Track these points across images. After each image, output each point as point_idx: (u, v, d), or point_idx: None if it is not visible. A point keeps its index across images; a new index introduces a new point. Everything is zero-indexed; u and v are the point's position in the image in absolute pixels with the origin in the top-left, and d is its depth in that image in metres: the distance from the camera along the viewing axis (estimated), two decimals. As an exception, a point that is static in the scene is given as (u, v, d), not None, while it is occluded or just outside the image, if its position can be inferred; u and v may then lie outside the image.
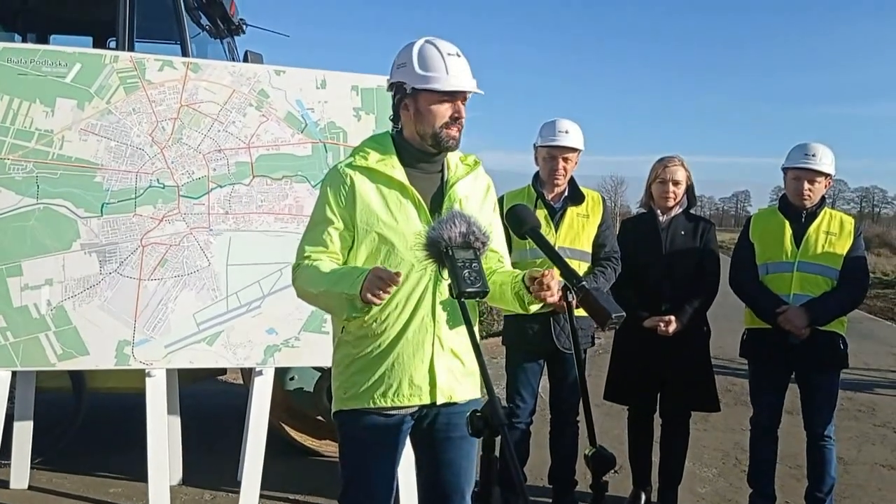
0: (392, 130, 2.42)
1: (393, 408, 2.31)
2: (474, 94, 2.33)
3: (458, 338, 2.33)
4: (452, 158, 2.42)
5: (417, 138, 2.33)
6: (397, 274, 2.05)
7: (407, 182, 2.31)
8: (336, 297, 2.16)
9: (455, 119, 2.28)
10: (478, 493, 1.94)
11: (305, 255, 2.32)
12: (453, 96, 2.27)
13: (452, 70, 2.25)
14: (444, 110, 2.27)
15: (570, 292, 1.97)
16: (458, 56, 2.29)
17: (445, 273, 1.91)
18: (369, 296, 2.06)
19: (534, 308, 2.25)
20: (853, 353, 3.98)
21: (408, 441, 2.47)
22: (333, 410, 2.42)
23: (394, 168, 2.32)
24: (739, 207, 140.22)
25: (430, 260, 1.96)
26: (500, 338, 4.08)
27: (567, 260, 2.32)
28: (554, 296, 2.09)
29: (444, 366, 2.31)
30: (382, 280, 2.04)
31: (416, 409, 2.35)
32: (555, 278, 2.09)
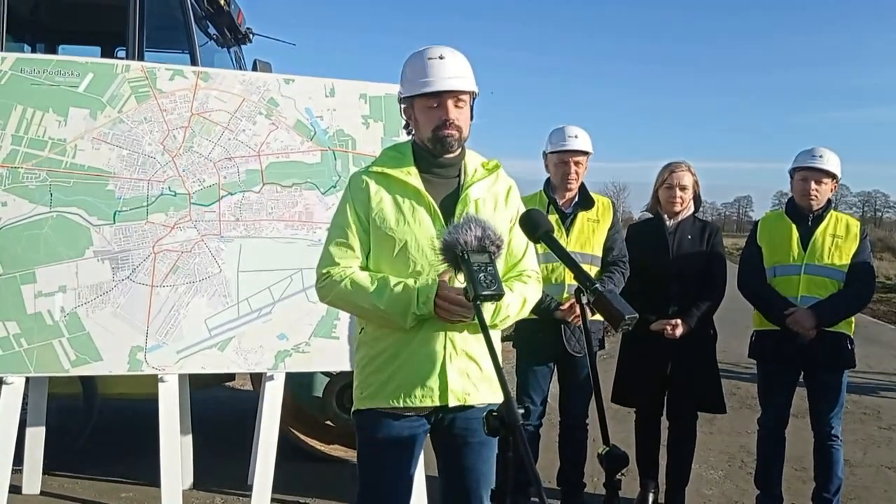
0: (411, 137, 2.48)
1: (406, 409, 2.34)
2: (484, 98, 2.39)
3: (475, 341, 2.35)
4: (472, 163, 2.45)
5: (424, 145, 2.39)
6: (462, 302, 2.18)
7: (422, 187, 2.35)
8: (395, 313, 2.26)
9: (445, 122, 2.31)
10: (493, 493, 1.97)
11: (335, 261, 2.36)
12: (439, 98, 2.30)
13: (432, 73, 2.29)
14: (432, 114, 2.32)
15: (584, 295, 2.01)
16: (442, 59, 2.31)
17: (462, 276, 1.96)
18: (446, 315, 2.24)
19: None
20: (858, 356, 4.00)
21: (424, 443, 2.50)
22: (352, 410, 2.47)
23: (409, 174, 2.37)
24: (741, 212, 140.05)
25: (447, 264, 2.00)
26: (510, 341, 4.11)
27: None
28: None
29: (458, 368, 2.33)
30: (458, 306, 2.20)
31: (431, 411, 2.37)
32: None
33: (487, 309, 2.23)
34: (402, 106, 2.43)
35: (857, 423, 6.42)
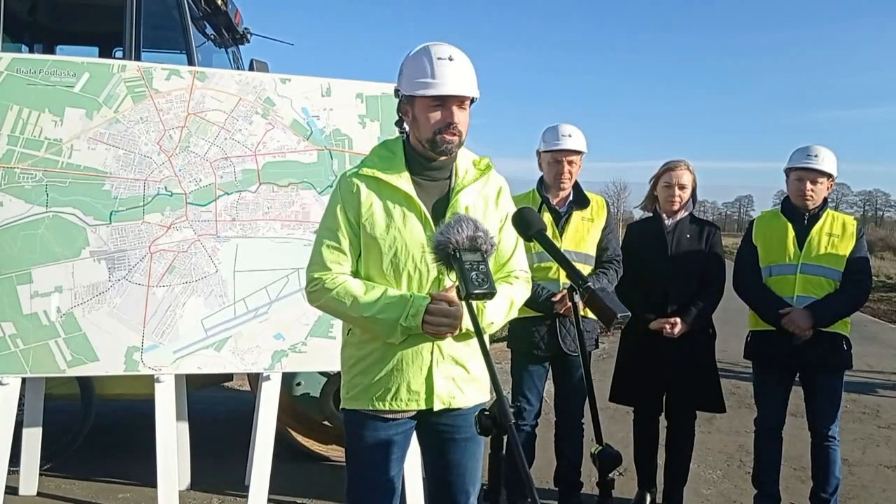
0: (402, 136, 2.45)
1: (391, 411, 2.35)
2: (482, 98, 2.37)
3: (462, 346, 2.35)
4: (463, 163, 2.42)
5: (419, 144, 2.36)
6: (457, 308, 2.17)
7: (413, 193, 2.32)
8: (383, 323, 2.24)
9: (448, 125, 2.27)
10: (486, 492, 1.97)
11: (326, 265, 2.34)
12: (444, 101, 2.26)
13: (440, 75, 2.24)
14: (435, 116, 2.27)
15: (577, 293, 2.00)
16: (451, 60, 2.27)
17: (453, 275, 1.95)
18: (433, 330, 2.21)
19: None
20: (857, 355, 3.99)
21: (414, 441, 2.50)
22: (340, 407, 2.48)
23: (400, 178, 2.33)
24: (742, 212, 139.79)
25: (439, 263, 2.00)
26: (504, 343, 4.10)
27: (572, 263, 2.34)
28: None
29: (444, 373, 2.33)
30: (449, 318, 2.19)
31: (416, 412, 2.38)
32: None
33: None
34: (400, 102, 2.38)
35: (857, 422, 6.41)
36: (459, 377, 2.36)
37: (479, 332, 1.90)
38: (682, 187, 4.01)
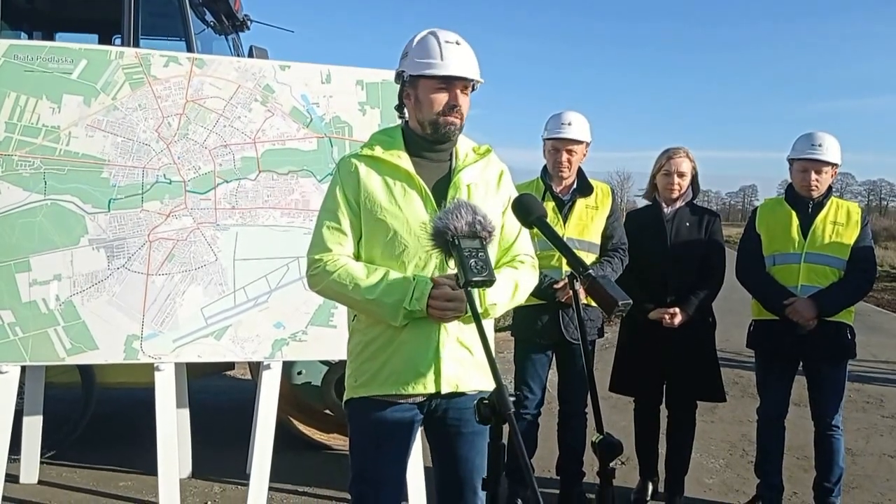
0: (401, 122, 2.44)
1: (399, 396, 2.31)
2: (482, 88, 2.36)
3: (468, 328, 2.31)
4: (463, 147, 2.41)
5: (419, 127, 2.35)
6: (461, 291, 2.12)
7: (412, 170, 2.31)
8: (386, 306, 2.21)
9: (452, 107, 2.28)
10: (485, 480, 1.94)
11: (327, 246, 2.31)
12: (449, 83, 2.28)
13: (447, 57, 2.27)
14: (440, 98, 2.28)
15: (577, 281, 1.98)
16: (458, 44, 2.30)
17: (452, 262, 1.92)
18: (439, 314, 2.19)
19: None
20: (861, 345, 3.97)
21: (418, 434, 2.47)
22: (344, 399, 2.43)
23: (400, 157, 2.33)
24: (746, 202, 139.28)
25: (437, 249, 1.97)
26: (508, 331, 4.08)
27: (575, 251, 2.31)
28: None
29: (451, 355, 2.30)
30: (454, 301, 2.16)
31: (425, 399, 2.34)
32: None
33: (474, 296, 2.19)
34: (403, 85, 2.37)
35: (860, 412, 6.40)
36: (466, 360, 2.33)
37: (477, 319, 1.87)
38: (681, 175, 3.97)
